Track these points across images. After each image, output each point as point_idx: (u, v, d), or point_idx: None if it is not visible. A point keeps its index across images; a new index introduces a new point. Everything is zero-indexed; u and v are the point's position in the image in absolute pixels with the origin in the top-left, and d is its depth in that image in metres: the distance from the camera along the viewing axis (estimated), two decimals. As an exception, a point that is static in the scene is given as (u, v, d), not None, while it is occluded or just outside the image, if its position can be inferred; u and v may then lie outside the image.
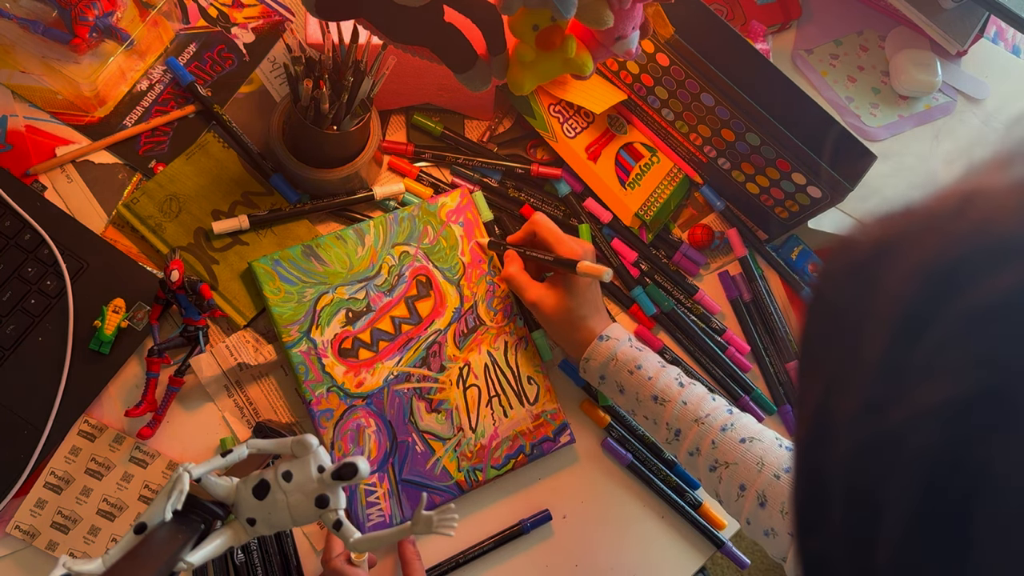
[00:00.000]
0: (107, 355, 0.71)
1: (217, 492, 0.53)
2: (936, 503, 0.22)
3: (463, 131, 0.85)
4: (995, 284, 0.21)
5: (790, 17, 0.95)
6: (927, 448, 0.22)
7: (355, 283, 0.75)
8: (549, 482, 0.78)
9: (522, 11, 0.62)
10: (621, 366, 0.71)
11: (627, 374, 0.71)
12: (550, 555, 0.76)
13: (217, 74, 0.81)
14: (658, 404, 0.69)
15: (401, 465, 0.73)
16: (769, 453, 0.65)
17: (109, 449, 0.70)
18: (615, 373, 0.71)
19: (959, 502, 0.21)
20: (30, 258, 0.72)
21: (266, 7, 0.84)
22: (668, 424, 0.69)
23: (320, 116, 0.70)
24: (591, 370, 0.73)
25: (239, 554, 0.69)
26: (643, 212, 0.83)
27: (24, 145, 0.75)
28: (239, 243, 0.76)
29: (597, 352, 0.72)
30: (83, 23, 0.73)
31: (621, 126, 0.87)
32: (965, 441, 0.21)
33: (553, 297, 0.73)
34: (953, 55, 0.96)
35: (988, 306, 0.21)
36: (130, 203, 0.75)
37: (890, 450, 0.22)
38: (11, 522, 0.67)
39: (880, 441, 0.23)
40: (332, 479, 0.52)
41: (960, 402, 0.21)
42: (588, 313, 0.73)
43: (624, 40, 0.65)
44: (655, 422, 0.70)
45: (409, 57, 0.67)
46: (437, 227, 0.78)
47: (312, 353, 0.72)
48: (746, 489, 0.64)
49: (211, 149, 0.78)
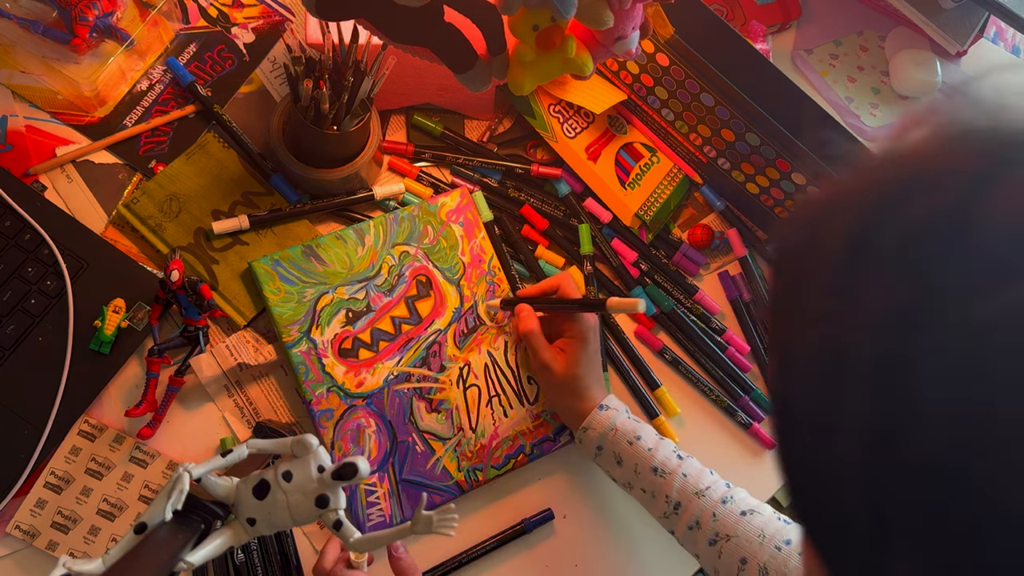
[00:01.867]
0: (107, 355, 0.71)
1: (217, 492, 0.53)
2: (885, 402, 0.25)
3: (463, 131, 0.85)
4: (909, 212, 0.25)
5: (790, 17, 0.95)
6: (868, 355, 0.25)
7: (355, 283, 0.75)
8: (549, 482, 0.78)
9: (522, 11, 0.62)
10: (620, 436, 0.70)
11: (626, 445, 0.70)
12: (550, 555, 0.76)
13: (217, 74, 0.81)
14: (658, 476, 0.68)
15: (401, 465, 0.73)
16: (769, 525, 0.64)
17: (109, 449, 0.70)
18: (614, 444, 0.70)
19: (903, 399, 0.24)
20: (30, 258, 0.72)
21: (266, 7, 0.84)
22: (668, 497, 0.67)
23: (320, 116, 0.70)
24: (588, 440, 0.71)
25: (239, 554, 0.69)
26: (643, 212, 0.84)
27: (24, 145, 0.75)
28: (239, 243, 0.76)
29: (596, 421, 0.71)
30: (83, 23, 0.73)
31: (621, 126, 0.87)
32: (901, 342, 0.24)
33: (564, 360, 0.72)
34: (953, 55, 0.96)
35: (908, 232, 0.25)
36: (130, 203, 0.75)
37: (837, 359, 0.26)
38: (11, 522, 0.67)
39: (829, 353, 0.27)
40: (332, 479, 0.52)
41: (892, 312, 0.25)
42: (591, 383, 0.72)
43: (624, 40, 0.65)
44: (653, 495, 0.69)
45: (409, 57, 0.67)
46: (437, 227, 0.78)
47: (312, 353, 0.72)
48: (747, 562, 0.63)
49: (211, 149, 0.78)
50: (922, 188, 0.25)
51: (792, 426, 0.29)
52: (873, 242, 0.26)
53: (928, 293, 0.24)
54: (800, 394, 0.28)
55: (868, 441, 0.25)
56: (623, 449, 0.70)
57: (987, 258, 0.23)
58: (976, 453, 0.23)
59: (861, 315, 0.25)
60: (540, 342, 0.73)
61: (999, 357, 0.22)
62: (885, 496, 0.25)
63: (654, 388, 0.81)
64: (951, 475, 0.23)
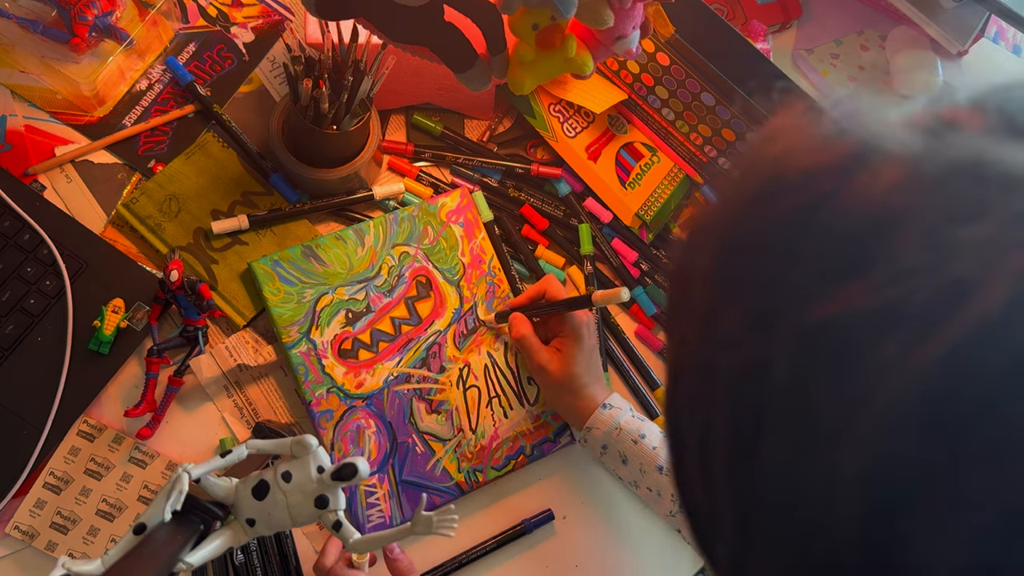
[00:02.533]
0: (106, 355, 0.71)
1: (216, 493, 0.53)
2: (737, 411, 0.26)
3: (463, 131, 0.85)
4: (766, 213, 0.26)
5: (790, 17, 0.95)
6: (728, 367, 0.26)
7: (355, 284, 0.75)
8: (549, 483, 0.77)
9: (522, 10, 0.62)
10: (625, 435, 0.70)
11: (631, 443, 0.70)
12: (550, 556, 0.75)
13: (216, 74, 0.81)
14: (664, 475, 0.68)
15: (401, 466, 0.73)
16: None
17: (108, 449, 0.70)
18: (618, 443, 0.70)
19: None
20: (29, 258, 0.72)
21: (266, 7, 0.84)
22: (674, 496, 0.67)
23: (320, 116, 0.70)
24: (593, 439, 0.71)
25: (239, 555, 0.69)
26: (643, 212, 0.83)
27: (23, 145, 0.75)
28: (239, 243, 0.76)
29: (600, 421, 0.70)
30: (82, 23, 0.73)
31: (621, 126, 0.87)
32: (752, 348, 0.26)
33: (559, 361, 0.72)
34: (954, 55, 0.96)
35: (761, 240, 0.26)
36: (129, 203, 0.75)
37: (707, 381, 0.27)
38: (10, 522, 0.67)
39: (702, 374, 0.28)
40: (332, 480, 0.52)
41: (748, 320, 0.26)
42: (590, 381, 0.72)
43: (624, 39, 0.65)
44: (659, 493, 0.69)
45: (409, 57, 0.67)
46: (437, 227, 0.78)
47: (312, 354, 0.72)
48: None
49: (210, 149, 0.78)
50: (778, 193, 0.26)
51: (682, 449, 0.30)
52: (729, 255, 0.27)
53: (773, 300, 0.25)
54: (686, 417, 0.29)
55: (731, 450, 0.26)
56: (628, 448, 0.70)
57: (821, 259, 0.24)
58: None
59: (720, 336, 0.27)
60: (534, 344, 0.73)
61: (828, 359, 0.23)
62: (748, 502, 0.26)
63: (654, 388, 0.81)
64: None
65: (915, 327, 0.22)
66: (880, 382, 0.22)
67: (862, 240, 0.23)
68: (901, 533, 0.22)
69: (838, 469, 0.23)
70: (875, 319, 0.22)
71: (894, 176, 0.23)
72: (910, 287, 0.22)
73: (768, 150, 0.28)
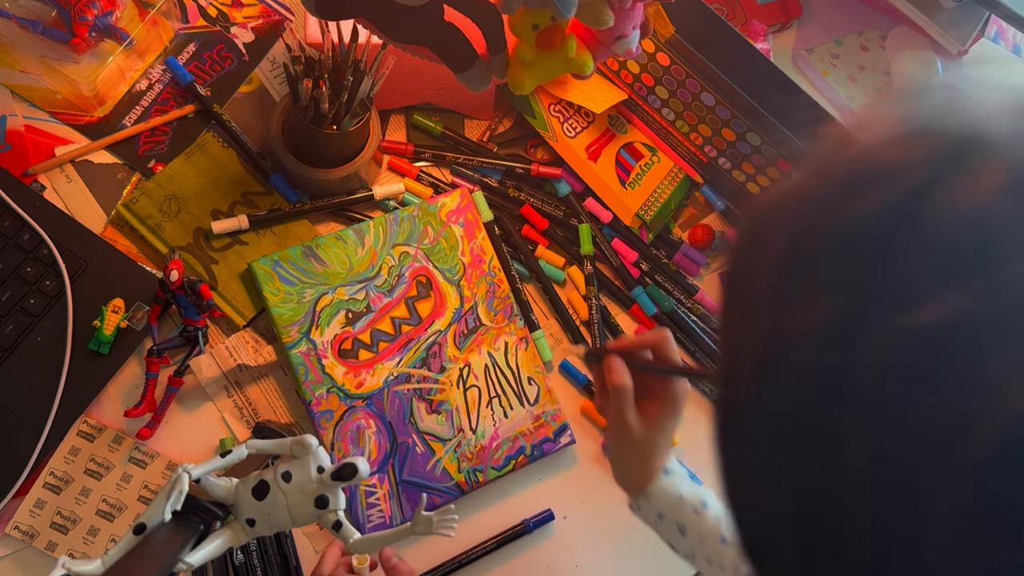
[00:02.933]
0: (106, 355, 0.71)
1: (216, 493, 0.53)
2: None
3: (463, 131, 0.85)
4: (851, 209, 0.25)
5: (790, 17, 0.95)
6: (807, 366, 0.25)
7: (355, 284, 0.75)
8: (549, 483, 0.77)
9: (522, 10, 0.62)
10: (687, 505, 0.62)
11: (692, 513, 0.62)
12: (551, 556, 0.75)
13: (216, 74, 0.81)
14: (726, 546, 0.62)
15: (401, 466, 0.73)
16: None
17: (108, 449, 0.70)
18: (678, 512, 0.63)
19: None
20: (29, 258, 0.72)
21: (266, 7, 0.84)
22: (737, 569, 0.62)
23: (320, 116, 0.70)
24: (648, 508, 0.64)
25: (239, 555, 0.69)
26: (643, 212, 0.83)
27: (23, 145, 0.75)
28: (239, 243, 0.76)
29: (660, 490, 0.63)
30: (82, 22, 0.73)
31: (621, 126, 0.86)
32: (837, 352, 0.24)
33: (649, 425, 0.63)
34: (954, 55, 0.96)
35: (845, 233, 0.25)
36: (129, 203, 0.75)
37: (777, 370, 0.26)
38: (10, 522, 0.67)
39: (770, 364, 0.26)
40: (332, 480, 0.52)
41: (828, 321, 0.24)
42: (663, 448, 0.64)
43: (624, 39, 0.65)
44: (721, 566, 0.62)
45: (409, 57, 0.67)
46: (437, 227, 0.78)
47: (312, 354, 0.72)
48: None
49: (210, 149, 0.78)
50: (870, 184, 0.24)
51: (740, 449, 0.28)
52: (811, 245, 0.25)
53: (863, 300, 0.23)
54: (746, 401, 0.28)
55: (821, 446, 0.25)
56: (688, 518, 0.63)
57: (924, 263, 0.22)
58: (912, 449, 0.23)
59: (797, 327, 0.25)
60: (630, 401, 0.63)
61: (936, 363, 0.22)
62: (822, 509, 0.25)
63: (654, 388, 0.81)
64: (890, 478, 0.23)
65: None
66: (985, 405, 0.20)
67: (972, 239, 0.21)
68: None
69: (934, 511, 0.22)
70: (987, 327, 0.21)
71: (1000, 171, 0.22)
72: None
73: (858, 138, 0.26)
